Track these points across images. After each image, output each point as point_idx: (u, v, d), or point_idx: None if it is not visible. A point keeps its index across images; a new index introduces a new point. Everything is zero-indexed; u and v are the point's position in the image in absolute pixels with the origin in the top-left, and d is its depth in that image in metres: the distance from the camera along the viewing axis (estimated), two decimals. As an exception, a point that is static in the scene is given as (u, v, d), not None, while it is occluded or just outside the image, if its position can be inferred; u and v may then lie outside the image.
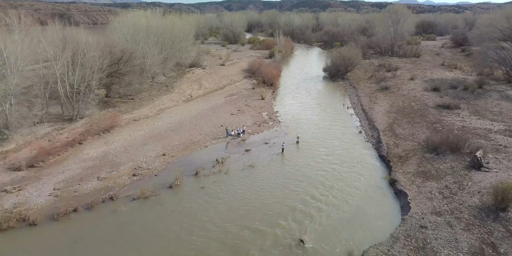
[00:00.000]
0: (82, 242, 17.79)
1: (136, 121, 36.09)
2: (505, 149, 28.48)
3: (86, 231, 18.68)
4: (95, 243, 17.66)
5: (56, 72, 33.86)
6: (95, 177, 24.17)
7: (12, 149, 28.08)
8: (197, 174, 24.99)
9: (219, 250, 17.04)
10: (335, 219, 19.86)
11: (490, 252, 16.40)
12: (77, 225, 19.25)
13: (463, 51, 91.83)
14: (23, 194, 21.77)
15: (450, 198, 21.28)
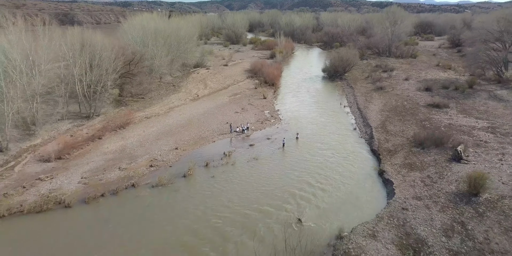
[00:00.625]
0: (112, 221, 20.78)
1: (148, 118, 39.10)
2: (485, 144, 31.42)
3: (114, 212, 21.68)
4: (123, 223, 20.66)
5: (74, 73, 36.81)
6: (116, 167, 27.18)
7: (39, 143, 31.08)
8: (207, 166, 27.98)
9: (230, 227, 20.03)
10: (329, 202, 22.84)
11: (459, 229, 19.38)
12: (106, 207, 22.25)
13: (459, 51, 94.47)
14: (55, 182, 24.78)
15: (430, 185, 24.25)
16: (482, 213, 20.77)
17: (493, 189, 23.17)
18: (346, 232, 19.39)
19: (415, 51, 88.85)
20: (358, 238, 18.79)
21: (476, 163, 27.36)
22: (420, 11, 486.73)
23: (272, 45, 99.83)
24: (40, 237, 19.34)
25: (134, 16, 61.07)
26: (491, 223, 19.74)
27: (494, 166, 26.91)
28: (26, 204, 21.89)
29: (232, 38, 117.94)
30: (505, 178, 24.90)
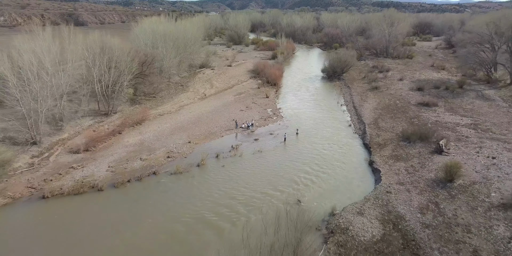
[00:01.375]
0: (139, 202, 24.46)
1: (161, 115, 42.77)
2: (466, 138, 35.00)
3: (140, 194, 25.36)
4: (148, 203, 24.34)
5: (94, 74, 40.44)
6: (138, 158, 30.86)
7: (66, 137, 34.79)
8: (217, 157, 31.65)
9: (241, 206, 23.69)
10: (325, 187, 26.49)
11: (433, 207, 23.01)
12: (132, 191, 25.94)
13: (454, 52, 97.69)
14: (86, 170, 28.47)
15: (412, 173, 27.88)
16: (454, 196, 24.39)
17: (467, 176, 26.77)
18: (338, 210, 23.05)
19: (411, 52, 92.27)
20: (348, 215, 22.45)
21: (455, 155, 30.94)
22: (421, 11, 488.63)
23: (274, 46, 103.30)
24: (80, 214, 23.04)
25: (144, 20, 64.52)
26: (460, 203, 23.36)
27: (471, 157, 30.51)
28: (65, 187, 25.60)
29: (235, 39, 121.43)
30: (479, 167, 28.50)
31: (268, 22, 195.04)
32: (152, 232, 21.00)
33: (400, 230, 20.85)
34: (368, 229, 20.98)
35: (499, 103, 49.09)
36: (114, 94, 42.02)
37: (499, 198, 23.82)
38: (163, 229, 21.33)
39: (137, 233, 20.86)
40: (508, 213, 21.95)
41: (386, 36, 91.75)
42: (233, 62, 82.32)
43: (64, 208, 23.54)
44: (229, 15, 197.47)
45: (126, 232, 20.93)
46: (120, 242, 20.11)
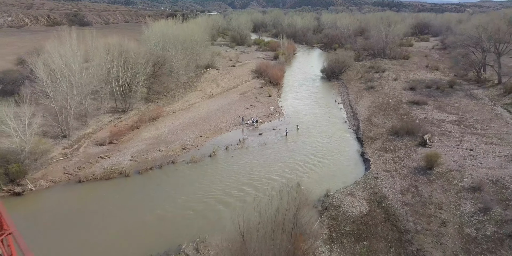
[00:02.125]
0: (161, 185, 28.55)
1: (173, 113, 46.83)
2: (449, 133, 38.97)
3: (161, 180, 29.45)
4: (169, 186, 28.42)
5: (113, 75, 44.47)
6: (156, 150, 34.95)
7: (90, 131, 38.89)
8: (226, 149, 35.70)
9: (248, 188, 27.75)
10: (321, 174, 30.54)
11: (412, 190, 27.04)
12: (155, 177, 30.03)
13: (450, 53, 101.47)
14: (113, 159, 32.57)
15: (398, 162, 31.91)
16: (432, 181, 28.41)
17: (445, 165, 30.76)
18: (332, 192, 27.09)
19: (407, 53, 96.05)
20: (340, 195, 26.50)
21: (437, 147, 34.93)
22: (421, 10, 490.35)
23: (275, 46, 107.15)
24: (111, 195, 27.14)
25: (154, 23, 68.48)
26: (436, 186, 27.38)
27: (451, 149, 34.48)
28: (97, 173, 29.71)
29: (238, 40, 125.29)
30: (457, 158, 32.47)
31: (270, 22, 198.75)
32: (178, 209, 25.09)
33: (383, 207, 24.90)
34: (356, 207, 25.03)
35: (485, 101, 52.99)
36: (131, 93, 46.08)
37: (470, 182, 27.81)
38: (186, 207, 25.41)
39: (165, 209, 24.94)
40: (475, 194, 25.95)
41: (383, 38, 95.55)
42: (237, 63, 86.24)
43: (99, 190, 27.67)
44: (231, 15, 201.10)
45: (155, 209, 25.02)
46: (151, 216, 24.20)
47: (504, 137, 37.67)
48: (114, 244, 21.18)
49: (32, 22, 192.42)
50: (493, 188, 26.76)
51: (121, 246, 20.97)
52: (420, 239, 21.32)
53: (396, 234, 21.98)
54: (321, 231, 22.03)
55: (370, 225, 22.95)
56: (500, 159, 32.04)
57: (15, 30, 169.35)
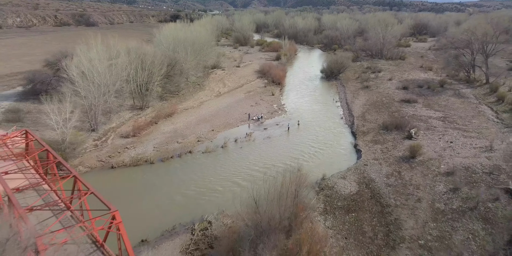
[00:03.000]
0: (182, 170, 33.41)
1: (186, 110, 51.67)
2: (434, 128, 43.71)
3: (182, 166, 34.31)
4: (189, 171, 33.28)
5: (132, 76, 49.27)
6: (174, 142, 39.82)
7: (114, 126, 43.77)
8: (236, 141, 40.53)
9: (257, 173, 32.56)
10: (318, 162, 35.34)
11: (396, 174, 31.82)
12: (176, 164, 34.89)
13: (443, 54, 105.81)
14: (138, 149, 37.44)
15: (386, 152, 36.69)
16: (413, 167, 33.19)
17: (426, 154, 35.53)
18: (327, 176, 31.90)
19: (403, 54, 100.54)
20: (334, 179, 31.33)
21: (422, 140, 39.68)
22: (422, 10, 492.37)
23: (277, 47, 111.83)
24: (141, 178, 32.00)
25: (164, 27, 73.28)
26: (416, 172, 32.17)
27: (433, 142, 39.23)
28: (126, 161, 34.59)
29: (241, 40, 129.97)
30: (437, 149, 37.22)
31: (272, 23, 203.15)
32: (199, 189, 29.95)
33: (370, 188, 29.72)
34: (347, 187, 29.87)
35: (471, 100, 57.63)
36: (147, 92, 50.93)
37: (446, 169, 32.59)
38: (206, 187, 30.28)
39: (189, 189, 29.82)
40: (449, 178, 30.71)
41: (380, 39, 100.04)
42: (241, 63, 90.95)
43: (129, 174, 32.56)
44: (234, 16, 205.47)
45: (180, 189, 29.89)
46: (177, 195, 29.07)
47: (482, 132, 42.41)
48: (148, 215, 26.01)
49: (40, 23, 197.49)
50: (464, 173, 31.57)
51: (155, 217, 25.82)
52: (398, 211, 26.13)
53: (379, 207, 26.80)
54: (318, 205, 26.87)
55: (358, 201, 27.77)
56: (475, 150, 36.82)
57: (24, 31, 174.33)
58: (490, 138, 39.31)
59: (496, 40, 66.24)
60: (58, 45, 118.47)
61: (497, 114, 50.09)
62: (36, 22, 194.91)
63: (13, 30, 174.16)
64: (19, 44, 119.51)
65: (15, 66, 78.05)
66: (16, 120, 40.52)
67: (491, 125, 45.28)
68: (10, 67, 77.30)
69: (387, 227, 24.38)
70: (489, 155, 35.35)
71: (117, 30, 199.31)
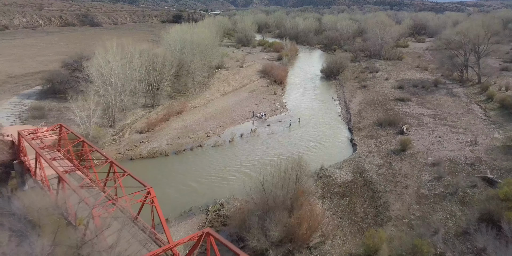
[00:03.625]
0: (194, 162, 36.99)
1: (194, 108, 55.26)
2: (425, 124, 47.22)
3: (194, 158, 37.90)
4: (200, 162, 36.85)
5: (143, 76, 52.84)
6: (186, 136, 43.41)
7: (129, 122, 47.39)
8: (242, 136, 44.10)
9: (262, 164, 36.11)
10: (317, 154, 38.90)
11: (387, 165, 35.36)
12: (188, 156, 38.49)
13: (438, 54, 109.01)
14: (153, 144, 41.04)
15: (379, 146, 40.23)
16: (403, 159, 36.72)
17: (415, 148, 39.06)
18: (325, 167, 35.43)
19: (401, 54, 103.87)
20: (331, 169, 34.89)
21: (412, 135, 43.22)
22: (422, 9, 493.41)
23: (279, 48, 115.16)
24: (158, 168, 35.61)
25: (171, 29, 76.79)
26: (405, 163, 35.70)
27: (423, 137, 42.76)
28: (143, 153, 38.20)
29: (243, 41, 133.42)
30: (426, 143, 40.74)
31: (273, 23, 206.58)
32: (211, 177, 33.56)
33: (363, 176, 33.28)
34: (343, 176, 33.45)
35: (462, 99, 61.09)
36: (158, 91, 54.53)
37: (432, 160, 36.12)
38: (217, 176, 33.88)
39: (202, 177, 33.42)
40: (434, 168, 34.20)
41: (378, 40, 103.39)
42: (244, 63, 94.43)
43: (147, 165, 36.19)
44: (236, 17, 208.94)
45: (195, 177, 33.48)
46: (192, 182, 32.67)
47: (469, 128, 45.96)
48: (168, 199, 29.50)
49: (46, 23, 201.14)
50: (449, 164, 35.12)
51: (173, 200, 29.37)
52: (387, 196, 29.69)
53: (370, 193, 30.36)
54: (316, 191, 30.43)
55: (352, 188, 31.34)
56: (461, 144, 40.39)
57: (30, 31, 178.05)
58: (476, 134, 42.86)
59: (487, 41, 69.59)
60: (66, 46, 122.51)
61: (485, 111, 53.59)
62: (42, 23, 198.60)
63: (19, 30, 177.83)
64: (28, 45, 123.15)
65: (29, 67, 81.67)
66: (41, 117, 44.18)
67: (478, 122, 48.80)
68: (24, 67, 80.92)
69: (377, 209, 27.95)
70: (473, 149, 38.91)
71: (121, 30, 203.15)
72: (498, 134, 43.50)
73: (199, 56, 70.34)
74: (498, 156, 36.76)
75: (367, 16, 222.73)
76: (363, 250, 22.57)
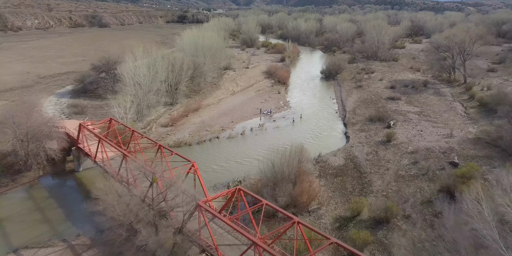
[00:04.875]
0: (213, 150, 44.42)
1: (208, 106, 62.64)
2: (410, 120, 54.45)
3: (213, 147, 45.30)
4: (219, 150, 44.25)
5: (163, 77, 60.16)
6: (204, 130, 50.80)
7: (154, 118, 54.83)
8: (251, 130, 51.44)
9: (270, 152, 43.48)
10: (317, 144, 46.23)
11: (374, 153, 42.68)
12: (208, 146, 45.92)
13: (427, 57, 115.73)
14: (177, 136, 48.41)
15: (368, 138, 47.53)
16: (387, 148, 44.00)
17: (399, 140, 46.29)
18: (323, 154, 42.77)
19: (396, 55, 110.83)
20: (327, 156, 42.22)
21: (398, 129, 50.45)
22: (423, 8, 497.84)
23: (282, 49, 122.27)
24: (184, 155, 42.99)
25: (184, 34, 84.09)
26: (389, 151, 42.99)
27: (407, 131, 49.98)
28: (170, 144, 45.61)
29: (248, 42, 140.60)
30: (409, 135, 47.95)
31: (275, 24, 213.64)
32: (229, 162, 40.95)
33: (353, 162, 40.59)
34: (337, 161, 40.78)
35: (447, 98, 68.21)
36: (176, 91, 61.92)
37: (412, 149, 43.36)
38: (234, 161, 41.26)
39: (222, 162, 40.79)
40: (412, 155, 41.43)
41: (375, 42, 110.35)
42: (249, 65, 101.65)
43: (175, 153, 43.58)
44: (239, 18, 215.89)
45: (216, 162, 40.87)
46: (214, 166, 40.07)
47: (448, 123, 53.15)
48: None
49: (56, 24, 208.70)
50: (425, 152, 42.37)
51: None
52: (371, 176, 37.01)
53: (358, 174, 37.69)
54: (314, 172, 37.78)
55: (344, 170, 38.68)
56: (438, 137, 47.63)
57: (43, 32, 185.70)
58: (453, 128, 50.07)
59: (472, 46, 76.59)
60: (80, 48, 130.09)
61: (465, 109, 60.76)
62: (53, 24, 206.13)
63: (32, 31, 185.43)
64: (45, 47, 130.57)
65: (53, 68, 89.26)
66: (80, 113, 51.69)
67: (458, 118, 56.01)
68: (48, 68, 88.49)
69: (362, 185, 35.30)
70: (448, 140, 46.15)
71: (129, 31, 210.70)
72: (472, 128, 50.68)
73: (210, 58, 77.60)
74: (467, 146, 43.98)
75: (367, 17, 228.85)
76: (350, 213, 29.97)
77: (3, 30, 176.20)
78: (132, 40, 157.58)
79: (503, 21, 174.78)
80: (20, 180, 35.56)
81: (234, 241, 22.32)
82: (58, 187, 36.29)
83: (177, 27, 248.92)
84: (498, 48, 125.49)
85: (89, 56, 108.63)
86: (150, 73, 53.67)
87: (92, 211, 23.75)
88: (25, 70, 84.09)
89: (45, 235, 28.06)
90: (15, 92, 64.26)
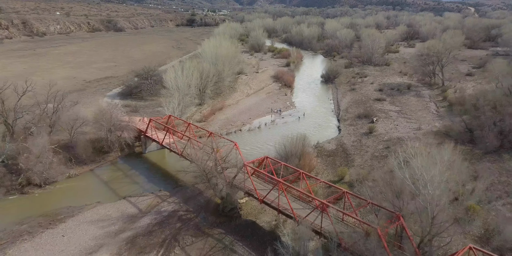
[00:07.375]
0: (237, 139, 59.53)
1: (229, 106, 77.81)
2: (390, 117, 69.28)
3: (238, 137, 60.42)
4: (242, 139, 59.45)
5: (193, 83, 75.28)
6: (229, 124, 65.98)
7: (189, 115, 70.11)
8: (265, 125, 66.53)
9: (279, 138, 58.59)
10: (315, 135, 61.26)
11: (358, 141, 57.63)
12: (234, 136, 61.01)
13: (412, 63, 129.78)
14: (210, 128, 63.51)
15: (355, 130, 62.52)
16: (369, 138, 58.93)
17: (378, 131, 61.15)
18: (320, 142, 57.78)
19: (389, 60, 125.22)
20: (323, 143, 57.27)
21: (379, 124, 65.30)
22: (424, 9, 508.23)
23: (287, 54, 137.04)
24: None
25: (204, 44, 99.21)
26: (370, 140, 57.91)
27: (386, 125, 64.80)
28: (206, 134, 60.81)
29: (256, 47, 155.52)
30: (387, 128, 62.80)
31: (280, 28, 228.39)
32: (251, 147, 56.04)
33: (342, 147, 55.58)
34: (330, 147, 55.79)
35: (425, 99, 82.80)
36: (204, 93, 77.19)
37: (387, 138, 58.23)
38: (254, 146, 56.37)
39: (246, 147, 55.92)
40: (386, 142, 56.34)
41: (370, 49, 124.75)
42: (259, 69, 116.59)
43: (210, 141, 58.92)
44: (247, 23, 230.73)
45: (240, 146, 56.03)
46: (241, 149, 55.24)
47: (420, 119, 67.88)
48: (229, 158, 52.13)
49: (76, 29, 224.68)
50: (396, 140, 57.22)
51: (232, 158, 52.01)
52: (355, 156, 51.97)
53: (345, 155, 52.70)
54: (314, 154, 52.81)
55: (335, 153, 53.70)
56: (410, 129, 62.44)
57: (66, 37, 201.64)
58: (422, 123, 64.82)
59: (448, 55, 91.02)
60: (107, 53, 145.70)
61: (438, 108, 75.37)
62: (73, 29, 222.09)
63: (55, 36, 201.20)
64: (75, 52, 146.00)
65: (92, 73, 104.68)
66: (135, 111, 67.02)
67: (429, 115, 70.69)
68: (89, 73, 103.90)
69: (347, 162, 50.32)
70: (415, 132, 60.91)
71: (144, 35, 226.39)
72: (438, 123, 65.35)
73: (228, 65, 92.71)
74: (429, 136, 58.68)
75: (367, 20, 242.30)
76: (337, 177, 45.07)
77: (30, 35, 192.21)
78: (151, 45, 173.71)
79: (493, 26, 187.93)
80: (107, 159, 51.04)
81: (266, 186, 37.36)
82: (133, 163, 51.71)
83: (187, 31, 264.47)
84: (485, 52, 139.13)
85: (118, 62, 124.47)
86: (187, 80, 68.94)
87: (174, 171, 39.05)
88: (70, 75, 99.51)
89: (138, 190, 43.47)
90: (73, 94, 79.70)
